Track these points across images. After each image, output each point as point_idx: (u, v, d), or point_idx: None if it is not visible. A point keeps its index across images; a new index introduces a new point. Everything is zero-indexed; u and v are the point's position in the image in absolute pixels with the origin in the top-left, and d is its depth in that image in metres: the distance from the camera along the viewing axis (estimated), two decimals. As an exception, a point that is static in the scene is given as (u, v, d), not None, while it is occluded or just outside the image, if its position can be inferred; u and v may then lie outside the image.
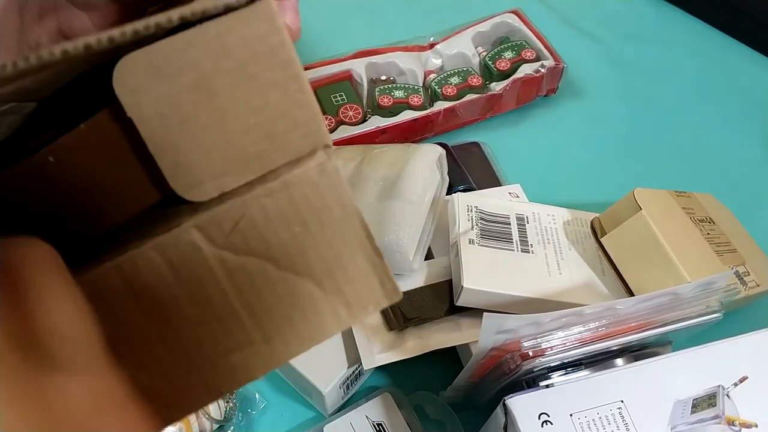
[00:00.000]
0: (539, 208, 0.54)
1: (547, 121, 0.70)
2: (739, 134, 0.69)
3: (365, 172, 0.53)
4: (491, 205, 0.53)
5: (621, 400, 0.39)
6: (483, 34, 0.73)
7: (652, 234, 0.47)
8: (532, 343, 0.40)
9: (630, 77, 0.74)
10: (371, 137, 0.63)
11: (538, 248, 0.51)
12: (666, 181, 0.65)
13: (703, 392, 0.39)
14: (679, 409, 0.39)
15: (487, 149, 0.66)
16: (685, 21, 0.80)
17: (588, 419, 0.38)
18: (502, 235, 0.51)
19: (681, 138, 0.69)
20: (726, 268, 0.49)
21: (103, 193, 0.25)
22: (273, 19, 0.23)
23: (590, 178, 0.65)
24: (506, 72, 0.68)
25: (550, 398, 0.39)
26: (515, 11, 0.74)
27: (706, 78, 0.74)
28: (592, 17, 0.81)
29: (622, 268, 0.49)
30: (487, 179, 0.63)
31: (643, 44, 0.78)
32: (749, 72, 0.75)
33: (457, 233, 0.50)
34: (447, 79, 0.68)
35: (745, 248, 0.54)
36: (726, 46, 0.78)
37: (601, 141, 0.69)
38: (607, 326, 0.41)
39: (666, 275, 0.46)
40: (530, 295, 0.48)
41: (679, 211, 0.51)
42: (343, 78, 0.68)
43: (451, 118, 0.66)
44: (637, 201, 0.48)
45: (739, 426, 0.38)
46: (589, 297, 0.49)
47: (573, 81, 0.73)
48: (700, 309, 0.43)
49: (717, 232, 0.52)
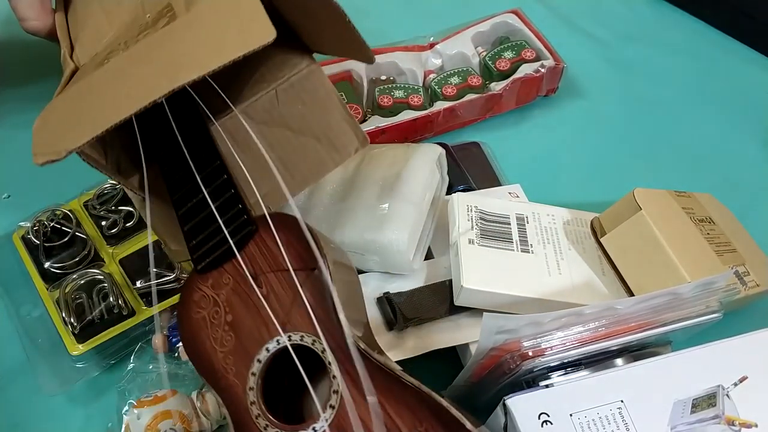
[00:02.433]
0: (539, 208, 0.54)
1: (547, 121, 0.70)
2: (738, 134, 0.69)
3: (365, 172, 0.53)
4: (491, 205, 0.53)
5: (621, 400, 0.39)
6: (483, 34, 0.73)
7: (652, 234, 0.47)
8: (531, 343, 0.40)
9: (630, 77, 0.74)
10: (371, 137, 0.63)
11: (538, 248, 0.51)
12: (666, 181, 0.65)
13: (703, 392, 0.39)
14: (679, 409, 0.39)
15: (487, 149, 0.66)
16: (685, 21, 0.80)
17: (588, 419, 0.38)
18: (501, 235, 0.51)
19: (681, 138, 0.69)
20: (726, 268, 0.49)
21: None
22: None
23: (590, 178, 0.65)
24: (506, 72, 0.68)
25: (549, 398, 0.39)
26: (515, 11, 0.73)
27: (706, 78, 0.74)
28: (592, 17, 0.81)
29: (622, 268, 0.49)
30: (487, 179, 0.62)
31: (643, 44, 0.78)
32: (749, 72, 0.75)
33: (457, 233, 0.50)
34: (447, 79, 0.68)
35: (745, 248, 0.54)
36: (726, 47, 0.78)
37: (601, 141, 0.69)
38: (606, 326, 0.41)
39: (666, 275, 0.46)
40: (530, 295, 0.48)
41: (679, 211, 0.51)
42: (343, 78, 0.68)
43: (451, 118, 0.66)
44: (637, 201, 0.48)
45: (739, 426, 0.38)
46: (589, 297, 0.49)
47: (573, 81, 0.73)
48: (699, 309, 0.43)
49: (717, 232, 0.52)
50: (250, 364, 0.40)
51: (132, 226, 0.57)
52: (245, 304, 0.41)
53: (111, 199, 0.59)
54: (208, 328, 0.41)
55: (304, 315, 0.39)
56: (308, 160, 0.48)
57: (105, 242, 0.56)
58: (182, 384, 0.49)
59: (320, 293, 0.39)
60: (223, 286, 0.41)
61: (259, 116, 0.47)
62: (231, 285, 0.41)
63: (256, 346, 0.40)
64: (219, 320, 0.41)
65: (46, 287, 0.54)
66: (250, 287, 0.40)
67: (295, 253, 0.40)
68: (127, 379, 0.49)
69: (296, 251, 0.41)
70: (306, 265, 0.40)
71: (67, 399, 0.51)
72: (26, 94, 0.71)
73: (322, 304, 0.39)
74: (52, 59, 0.75)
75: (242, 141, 0.46)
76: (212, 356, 0.40)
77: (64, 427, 0.50)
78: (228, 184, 0.43)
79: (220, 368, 0.40)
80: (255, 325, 0.40)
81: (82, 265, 0.55)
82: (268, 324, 0.40)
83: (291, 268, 0.40)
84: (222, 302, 0.41)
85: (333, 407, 0.37)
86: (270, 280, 0.41)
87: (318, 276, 0.39)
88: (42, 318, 0.52)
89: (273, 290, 0.40)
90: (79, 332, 0.51)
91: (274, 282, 0.40)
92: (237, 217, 0.42)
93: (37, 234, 0.56)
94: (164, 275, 0.53)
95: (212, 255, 0.42)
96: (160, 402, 0.45)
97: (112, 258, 0.56)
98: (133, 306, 0.52)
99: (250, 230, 0.42)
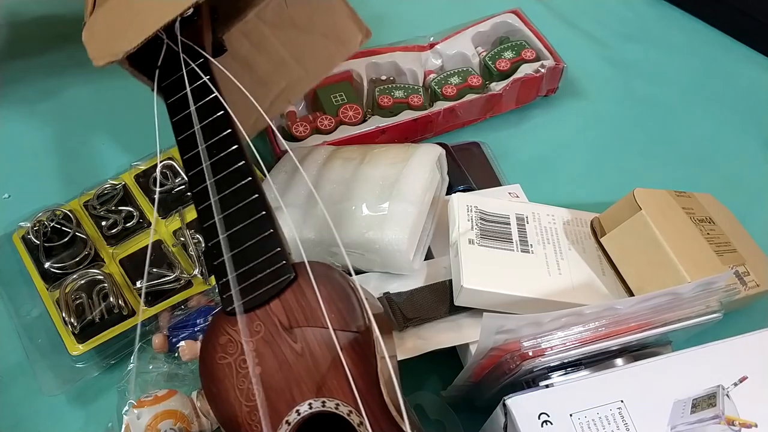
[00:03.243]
0: (539, 208, 0.54)
1: (547, 121, 0.70)
2: (739, 134, 0.69)
3: (365, 171, 0.53)
4: (491, 205, 0.53)
5: (621, 400, 0.39)
6: (483, 34, 0.73)
7: (652, 234, 0.47)
8: (531, 343, 0.40)
9: (630, 77, 0.74)
10: (371, 137, 0.63)
11: (538, 248, 0.51)
12: (666, 181, 0.65)
13: (703, 392, 0.39)
14: (679, 409, 0.39)
15: (487, 149, 0.66)
16: (685, 21, 0.80)
17: (588, 419, 0.38)
18: (501, 235, 0.51)
19: (681, 138, 0.69)
20: (726, 268, 0.49)
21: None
22: None
23: (590, 178, 0.65)
24: (506, 72, 0.68)
25: (549, 398, 0.39)
26: (515, 11, 0.74)
27: (706, 78, 0.74)
28: (592, 17, 0.81)
29: (622, 268, 0.49)
30: (487, 179, 0.63)
31: (643, 44, 0.78)
32: (749, 72, 0.75)
33: (457, 233, 0.50)
34: (447, 79, 0.68)
35: (745, 248, 0.54)
36: (726, 46, 0.78)
37: (601, 141, 0.69)
38: (606, 326, 0.41)
39: (666, 275, 0.46)
40: (530, 295, 0.48)
41: (679, 211, 0.51)
42: (343, 78, 0.68)
43: (451, 118, 0.66)
44: (637, 201, 0.48)
45: (739, 426, 0.38)
46: (589, 297, 0.49)
47: (573, 81, 0.73)
48: (699, 309, 0.43)
49: (717, 232, 0.52)
50: (277, 424, 0.36)
51: (132, 227, 0.57)
52: (277, 357, 0.37)
53: (111, 200, 0.59)
54: (234, 377, 0.38)
55: (342, 381, 0.36)
56: (318, 54, 0.56)
57: (105, 242, 0.56)
58: (182, 384, 0.49)
59: (361, 360, 0.36)
60: (253, 334, 0.38)
61: (270, 19, 0.55)
62: (263, 334, 0.38)
63: (285, 406, 0.37)
64: (246, 370, 0.38)
65: (46, 287, 0.54)
66: (284, 340, 0.37)
67: (336, 311, 0.37)
68: (127, 379, 0.49)
69: (337, 309, 0.37)
70: (347, 326, 0.37)
71: (67, 399, 0.51)
72: (26, 96, 0.71)
73: (363, 373, 0.36)
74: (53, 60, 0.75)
75: (257, 42, 0.54)
76: (236, 408, 0.37)
77: (64, 427, 0.50)
78: (267, 221, 0.40)
79: (244, 423, 0.37)
80: (286, 383, 0.37)
81: (82, 265, 0.55)
82: (301, 384, 0.37)
83: (331, 327, 0.37)
84: (251, 351, 0.38)
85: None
86: (306, 335, 0.37)
87: (360, 341, 0.36)
88: (42, 318, 0.52)
89: (309, 347, 0.37)
90: (79, 332, 0.51)
91: (311, 339, 0.37)
92: (275, 260, 0.39)
93: (37, 234, 0.56)
94: (164, 275, 0.53)
95: (244, 298, 0.39)
96: (160, 402, 0.45)
97: (112, 258, 0.56)
98: (133, 306, 0.52)
99: (289, 278, 0.39)
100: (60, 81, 0.72)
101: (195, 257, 0.54)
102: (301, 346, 0.37)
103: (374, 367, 0.36)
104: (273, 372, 0.37)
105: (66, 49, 0.75)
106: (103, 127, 0.68)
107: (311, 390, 0.36)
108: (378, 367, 0.35)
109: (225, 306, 0.39)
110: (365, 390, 0.36)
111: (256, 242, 0.39)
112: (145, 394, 0.46)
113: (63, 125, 0.69)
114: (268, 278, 0.38)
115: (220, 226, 0.40)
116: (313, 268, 0.38)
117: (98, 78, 0.73)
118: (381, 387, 0.35)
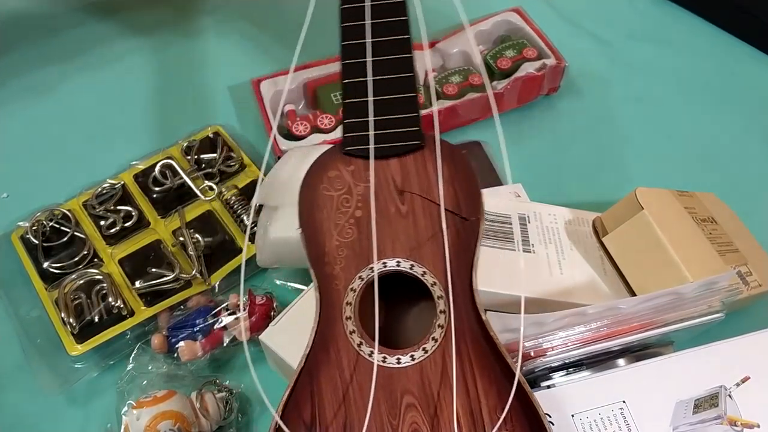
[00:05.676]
0: (541, 207, 0.54)
1: (548, 120, 0.70)
2: (742, 134, 0.69)
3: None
4: (493, 205, 0.53)
5: (623, 400, 0.39)
6: (484, 32, 0.72)
7: (654, 234, 0.47)
8: (533, 343, 0.40)
9: (632, 76, 0.74)
10: (372, 136, 0.63)
11: (540, 248, 0.51)
12: (668, 180, 0.65)
13: (705, 392, 0.39)
14: (681, 410, 0.38)
15: (489, 149, 0.66)
16: (688, 20, 0.80)
17: (590, 420, 0.38)
18: (503, 235, 0.51)
19: (683, 137, 0.69)
20: (728, 267, 0.49)
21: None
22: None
23: (592, 178, 0.65)
24: (507, 71, 0.68)
25: (551, 398, 0.39)
26: (516, 9, 0.73)
27: (709, 77, 0.74)
28: (594, 16, 0.81)
29: (624, 267, 0.49)
30: (488, 179, 0.62)
31: (645, 43, 0.77)
32: (752, 71, 0.75)
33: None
34: (448, 77, 0.68)
35: (748, 248, 0.53)
36: (729, 46, 0.77)
37: (603, 140, 0.68)
38: (608, 326, 0.41)
39: (668, 275, 0.46)
40: (532, 295, 0.48)
41: (681, 211, 0.51)
42: (344, 77, 0.68)
43: (452, 117, 0.66)
44: (639, 200, 0.48)
45: (742, 426, 0.38)
46: (591, 297, 0.49)
47: (575, 80, 0.73)
48: (702, 309, 0.43)
49: (719, 231, 0.52)
50: (361, 267, 0.38)
51: (131, 226, 0.57)
52: (381, 210, 0.39)
53: (110, 199, 0.59)
54: (332, 210, 0.39)
55: (437, 254, 0.37)
56: None
57: (104, 242, 0.56)
58: (181, 385, 0.49)
59: (462, 245, 0.37)
60: (364, 180, 0.39)
61: None
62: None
63: (374, 254, 0.38)
64: (347, 210, 0.39)
65: (44, 287, 0.53)
66: (393, 198, 0.39)
67: (452, 193, 0.38)
68: (126, 380, 0.49)
69: (454, 191, 0.38)
70: (459, 210, 0.38)
71: (66, 399, 0.51)
72: (25, 95, 0.71)
73: (460, 255, 0.37)
74: (51, 60, 0.75)
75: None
76: (326, 239, 0.38)
77: (63, 427, 0.50)
78: (413, 83, 0.40)
79: (331, 254, 0.38)
80: (381, 235, 0.38)
81: (81, 265, 0.55)
82: (395, 242, 0.38)
83: (443, 205, 0.38)
84: (357, 194, 0.39)
85: (436, 340, 0.36)
86: (415, 202, 0.39)
87: (466, 227, 0.37)
88: (41, 318, 0.52)
89: (414, 213, 0.38)
90: (78, 332, 0.50)
91: (418, 207, 0.38)
92: (409, 123, 0.40)
93: (36, 234, 0.56)
94: (164, 275, 0.53)
95: (365, 144, 0.39)
96: (160, 403, 0.45)
97: (111, 258, 0.55)
98: (132, 306, 0.52)
99: (417, 144, 0.40)
100: (59, 80, 0.72)
101: (194, 257, 0.54)
102: (407, 209, 0.39)
103: (472, 255, 0.37)
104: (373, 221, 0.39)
105: (64, 47, 0.75)
106: (102, 126, 0.68)
107: (404, 250, 0.38)
108: (476, 256, 0.37)
109: (345, 144, 0.40)
110: (456, 271, 0.37)
111: (399, 99, 0.40)
112: (144, 395, 0.46)
113: (62, 124, 0.68)
114: (397, 136, 0.39)
115: (368, 67, 0.40)
116: (444, 146, 0.39)
117: (98, 78, 0.73)
118: (473, 273, 0.37)
